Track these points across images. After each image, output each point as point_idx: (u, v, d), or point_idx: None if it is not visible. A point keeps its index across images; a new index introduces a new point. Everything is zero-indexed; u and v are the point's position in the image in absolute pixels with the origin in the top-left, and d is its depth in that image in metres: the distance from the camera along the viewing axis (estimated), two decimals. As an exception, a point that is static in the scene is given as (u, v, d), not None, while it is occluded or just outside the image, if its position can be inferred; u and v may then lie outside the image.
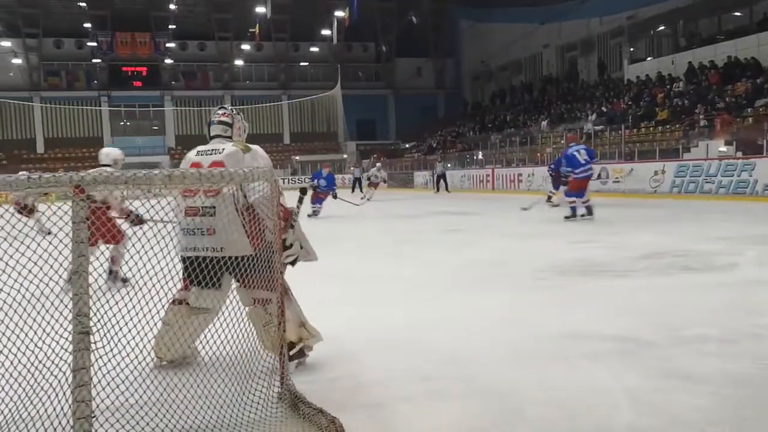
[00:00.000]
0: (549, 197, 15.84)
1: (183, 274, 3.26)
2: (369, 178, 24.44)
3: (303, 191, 3.48)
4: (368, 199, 22.12)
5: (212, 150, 3.47)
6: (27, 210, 8.58)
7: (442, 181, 27.15)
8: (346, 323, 4.32)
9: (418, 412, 2.86)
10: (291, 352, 3.33)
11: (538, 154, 25.83)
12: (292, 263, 3.44)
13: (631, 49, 31.34)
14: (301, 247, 3.43)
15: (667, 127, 21.81)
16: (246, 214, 3.20)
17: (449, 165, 30.42)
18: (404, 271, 6.93)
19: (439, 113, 49.55)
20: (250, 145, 3.50)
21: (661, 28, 29.86)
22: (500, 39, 39.98)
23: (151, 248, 2.56)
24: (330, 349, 3.59)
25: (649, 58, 29.53)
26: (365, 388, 3.17)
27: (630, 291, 5.39)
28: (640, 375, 3.20)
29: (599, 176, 19.23)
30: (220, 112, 3.66)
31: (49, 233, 2.13)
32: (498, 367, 3.43)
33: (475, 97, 47.44)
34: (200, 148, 3.55)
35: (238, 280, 3.27)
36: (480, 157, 30.73)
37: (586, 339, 3.88)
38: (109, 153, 6.65)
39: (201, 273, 3.08)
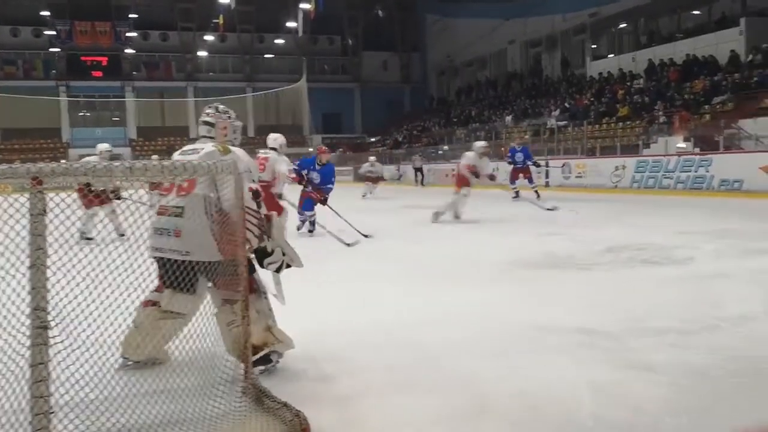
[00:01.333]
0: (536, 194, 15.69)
1: (159, 275, 3.20)
2: (365, 175, 22.32)
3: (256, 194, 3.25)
4: (369, 194, 20.47)
5: (192, 150, 3.40)
6: (114, 195, 7.77)
7: (419, 174, 26.90)
8: (312, 318, 4.29)
9: (384, 405, 2.86)
10: (254, 357, 3.16)
11: (503, 149, 26.02)
12: (277, 270, 3.33)
13: (593, 46, 31.77)
14: (284, 254, 3.30)
15: (628, 123, 22.21)
16: (216, 218, 3.08)
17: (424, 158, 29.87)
18: (372, 265, 6.92)
19: (405, 107, 49.55)
20: (232, 148, 3.39)
21: (623, 25, 30.33)
22: (466, 34, 40.14)
23: (112, 241, 2.50)
24: (298, 343, 3.56)
25: (610, 55, 29.98)
26: (331, 382, 3.16)
27: (594, 284, 5.49)
28: (602, 366, 3.26)
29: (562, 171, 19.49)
30: (208, 111, 3.56)
31: (122, 235, 2.06)
32: (465, 359, 3.45)
33: (441, 91, 47.60)
34: (185, 147, 3.49)
35: (210, 281, 3.19)
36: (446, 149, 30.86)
37: (552, 331, 3.93)
38: (276, 138, 7.04)
39: (173, 276, 2.99)
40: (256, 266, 3.33)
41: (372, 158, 23.64)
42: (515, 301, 4.89)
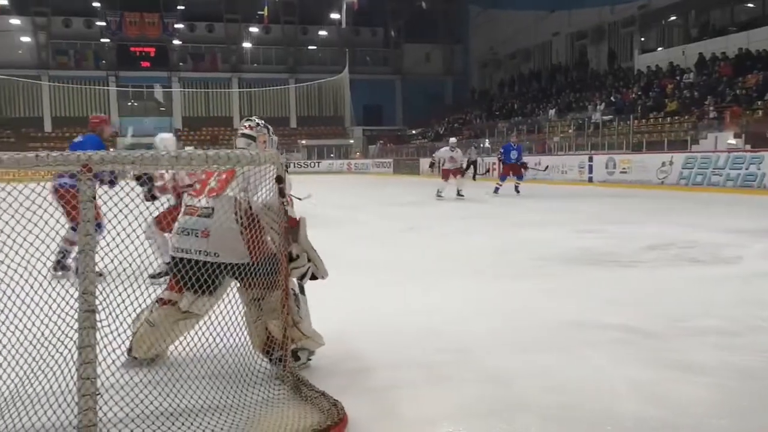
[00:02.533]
0: (496, 189, 15.99)
1: (172, 275, 3.13)
2: (432, 164, 18.09)
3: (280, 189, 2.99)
4: (458, 194, 15.33)
5: None
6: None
7: (472, 167, 25.35)
8: (347, 309, 4.32)
9: (419, 397, 2.88)
10: (275, 354, 3.07)
11: (546, 143, 25.75)
12: (301, 278, 3.15)
13: (642, 39, 31.08)
14: (309, 260, 3.13)
15: (676, 118, 21.69)
16: (245, 220, 3.02)
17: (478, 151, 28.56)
18: (407, 258, 6.92)
19: (447, 100, 49.30)
20: None
21: (673, 18, 29.60)
22: (509, 26, 39.71)
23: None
24: (332, 334, 3.59)
25: (659, 49, 29.30)
26: (367, 373, 3.18)
27: (635, 281, 5.39)
28: (643, 365, 3.20)
29: (606, 166, 19.16)
30: (246, 124, 3.50)
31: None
32: (500, 354, 3.44)
33: (483, 84, 47.19)
34: None
35: (238, 281, 3.12)
36: (487, 144, 30.54)
37: (590, 328, 3.88)
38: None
39: (196, 278, 2.91)
40: None
41: (452, 140, 16.72)
42: (554, 297, 4.83)
